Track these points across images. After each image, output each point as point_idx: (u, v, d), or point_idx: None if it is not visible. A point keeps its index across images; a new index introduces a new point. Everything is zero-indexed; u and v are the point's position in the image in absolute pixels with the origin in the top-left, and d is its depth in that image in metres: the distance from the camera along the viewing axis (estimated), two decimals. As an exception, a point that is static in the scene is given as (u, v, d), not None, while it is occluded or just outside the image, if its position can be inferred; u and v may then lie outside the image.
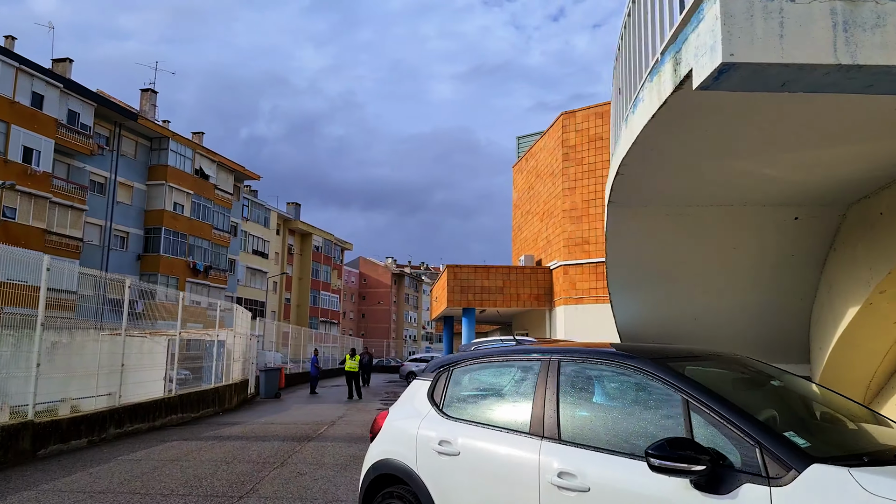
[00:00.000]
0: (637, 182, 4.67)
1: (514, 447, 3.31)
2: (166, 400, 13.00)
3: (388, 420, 4.36)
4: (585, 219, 18.47)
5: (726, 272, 6.07)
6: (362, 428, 12.79)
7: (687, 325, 6.88)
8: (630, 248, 6.00)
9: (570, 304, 18.47)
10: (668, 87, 3.14)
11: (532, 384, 3.49)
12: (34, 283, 9.35)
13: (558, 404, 3.26)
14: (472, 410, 3.83)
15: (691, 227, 5.49)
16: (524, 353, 3.79)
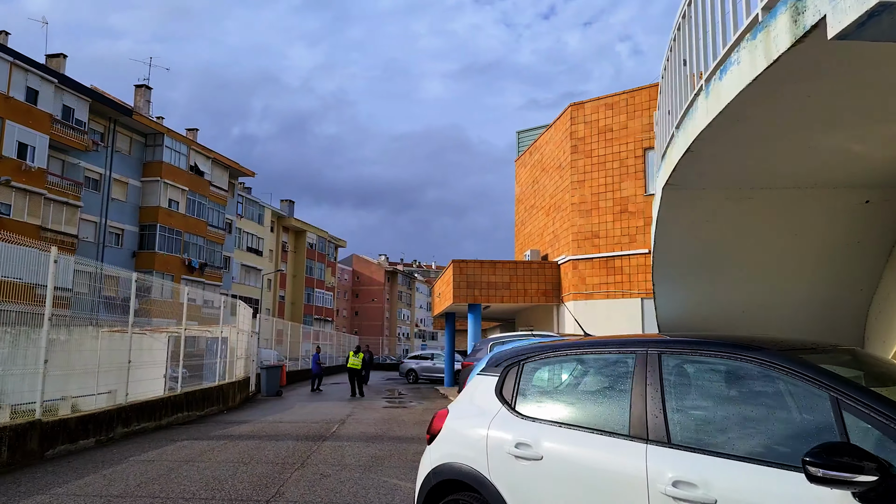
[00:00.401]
0: (707, 161, 4.35)
1: (612, 452, 2.94)
2: (172, 398, 12.61)
3: (450, 419, 3.98)
4: (595, 212, 18.19)
5: (783, 261, 5.77)
6: (374, 427, 12.46)
7: (733, 318, 6.59)
8: (682, 234, 5.69)
9: (580, 299, 18.19)
10: (782, 42, 2.83)
11: (627, 380, 3.10)
12: (32, 281, 8.98)
13: (664, 403, 2.87)
14: (552, 409, 3.42)
15: (752, 211, 5.18)
16: (612, 345, 3.41)
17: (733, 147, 4.04)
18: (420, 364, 31.15)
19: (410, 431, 11.66)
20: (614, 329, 16.53)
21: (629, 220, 17.48)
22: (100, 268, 11.46)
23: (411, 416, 14.84)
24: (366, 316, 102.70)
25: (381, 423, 12.99)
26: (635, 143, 17.50)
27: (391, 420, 13.75)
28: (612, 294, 17.61)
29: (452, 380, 27.07)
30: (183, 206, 45.18)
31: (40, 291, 9.31)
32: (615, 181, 17.87)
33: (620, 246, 17.60)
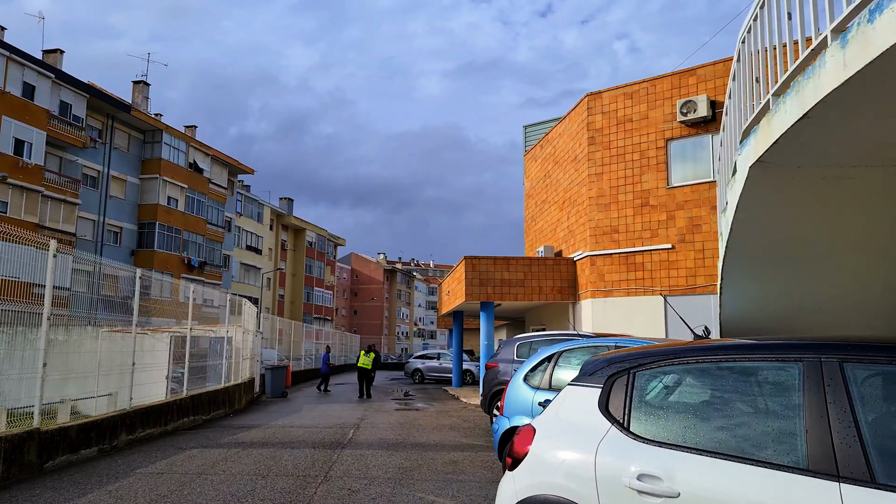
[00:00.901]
0: (823, 131, 3.70)
1: (785, 492, 2.28)
2: (178, 402, 11.94)
3: (539, 440, 3.26)
4: (614, 206, 17.54)
5: (876, 251, 5.14)
6: (392, 432, 11.80)
7: (808, 317, 5.96)
8: (765, 220, 5.04)
9: (599, 296, 17.55)
10: None
11: (792, 396, 2.45)
12: (28, 279, 8.33)
13: (858, 428, 2.23)
14: (684, 432, 2.72)
15: (850, 193, 4.54)
16: (761, 350, 2.71)
17: (867, 112, 3.41)
18: (426, 364, 30.50)
19: (432, 437, 11.00)
20: (634, 328, 15.89)
21: (650, 214, 16.84)
22: (99, 262, 10.77)
23: (427, 419, 14.19)
24: (365, 315, 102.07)
25: (398, 428, 12.34)
26: (657, 133, 16.85)
27: (408, 425, 13.09)
28: (633, 291, 16.97)
29: (461, 380, 26.43)
30: (182, 204, 44.48)
31: (38, 290, 8.73)
32: (635, 174, 17.22)
33: (641, 241, 16.95)
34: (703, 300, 15.94)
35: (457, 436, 11.21)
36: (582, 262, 18.60)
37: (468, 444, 10.25)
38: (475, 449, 9.70)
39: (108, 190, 39.70)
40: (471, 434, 11.45)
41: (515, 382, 6.89)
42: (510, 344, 11.04)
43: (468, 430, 12.00)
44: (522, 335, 11.14)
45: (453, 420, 13.95)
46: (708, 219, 15.91)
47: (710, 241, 15.83)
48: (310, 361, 34.88)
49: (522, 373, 6.90)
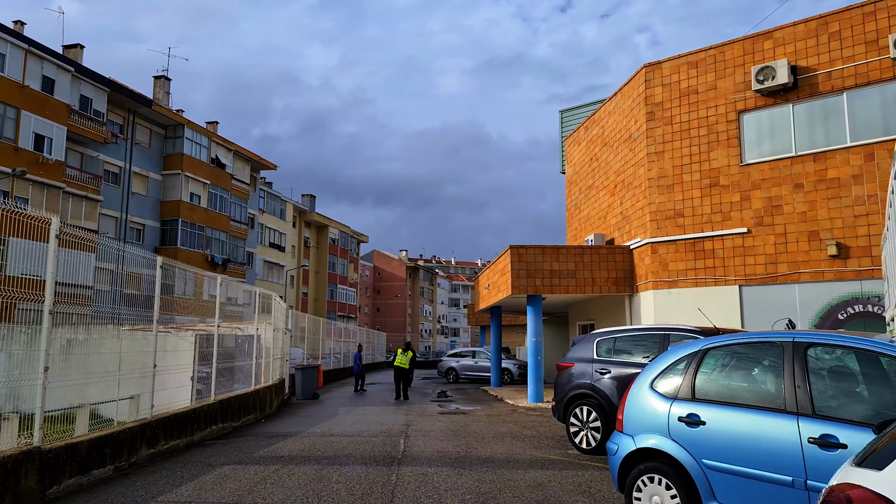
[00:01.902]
0: None
1: None
2: (205, 408, 10.56)
3: None
4: (678, 187, 15.87)
5: None
6: (448, 442, 10.30)
7: None
8: None
9: (661, 287, 15.90)
10: None
11: None
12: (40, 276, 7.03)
13: None
14: None
15: None
16: None
17: None
18: (460, 362, 28.99)
19: (497, 450, 9.48)
20: (706, 324, 14.25)
21: (721, 195, 15.14)
22: (122, 250, 9.37)
23: (480, 426, 12.69)
24: (387, 312, 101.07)
25: (452, 437, 10.84)
26: (727, 105, 15.14)
27: (461, 432, 11.59)
28: (702, 281, 15.28)
29: (500, 379, 24.89)
30: (205, 200, 43.50)
31: (59, 289, 7.68)
32: (702, 151, 15.53)
33: (711, 225, 15.26)
34: (784, 291, 14.23)
35: (525, 447, 9.68)
36: (640, 251, 16.94)
37: (544, 458, 8.71)
38: (556, 466, 8.16)
39: (130, 186, 38.79)
40: (540, 445, 9.91)
41: (640, 390, 5.34)
42: (588, 341, 9.48)
43: (535, 440, 10.46)
44: (602, 330, 9.56)
45: (510, 427, 12.42)
46: (790, 198, 14.18)
47: (793, 224, 14.10)
48: (338, 360, 33.56)
49: (649, 377, 5.34)
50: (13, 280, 6.81)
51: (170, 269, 9.77)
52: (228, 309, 17.04)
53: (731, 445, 4.56)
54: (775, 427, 4.33)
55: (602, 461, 8.43)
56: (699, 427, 4.78)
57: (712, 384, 4.95)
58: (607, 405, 8.69)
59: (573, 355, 9.59)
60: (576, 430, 9.11)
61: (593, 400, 8.91)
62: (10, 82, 29.46)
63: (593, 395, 8.89)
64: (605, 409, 8.73)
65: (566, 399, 9.29)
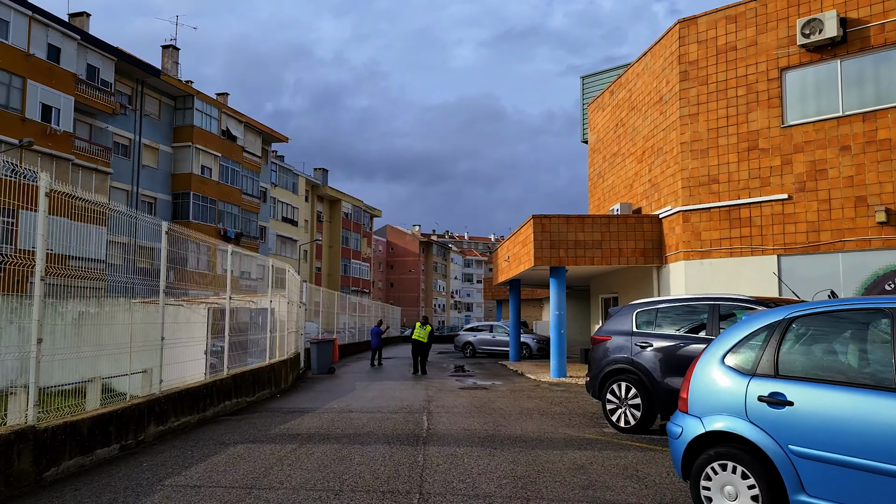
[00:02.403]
0: None
1: None
2: (218, 383, 10.01)
3: None
4: (713, 152, 14.99)
5: None
6: (473, 419, 9.70)
7: None
8: None
9: (693, 258, 15.11)
10: None
11: None
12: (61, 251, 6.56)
13: None
14: None
15: None
16: None
17: None
18: (477, 336, 28.42)
19: (527, 428, 8.87)
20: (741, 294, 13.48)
21: (760, 160, 14.25)
22: (135, 216, 8.72)
23: (504, 401, 12.09)
24: (401, 287, 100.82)
25: (477, 414, 10.24)
26: (768, 62, 14.17)
27: (485, 409, 10.99)
28: (738, 251, 14.47)
29: (518, 354, 24.31)
30: (216, 173, 42.95)
31: (74, 263, 7.47)
32: (740, 112, 14.60)
33: (748, 192, 14.40)
34: (826, 260, 13.42)
35: (556, 425, 9.06)
36: (671, 220, 16.12)
37: (580, 437, 8.08)
38: (594, 445, 7.52)
39: (141, 159, 38.27)
40: (573, 423, 9.28)
41: (709, 366, 4.64)
42: (626, 312, 8.76)
43: (566, 417, 9.83)
44: (641, 301, 8.83)
45: (536, 403, 11.80)
46: (835, 162, 13.29)
47: (838, 189, 13.23)
48: (352, 334, 33.14)
49: (720, 351, 4.64)
50: (27, 253, 6.36)
51: (176, 236, 9.15)
52: (243, 283, 16.51)
53: (827, 430, 3.87)
54: (885, 408, 3.62)
55: (643, 441, 7.79)
56: (785, 408, 4.09)
57: (800, 359, 4.24)
58: (649, 381, 8.01)
59: (610, 328, 8.88)
60: (613, 407, 8.46)
61: (633, 375, 8.23)
62: (14, 50, 28.79)
63: (633, 371, 8.21)
64: (645, 385, 8.05)
65: (602, 374, 8.62)
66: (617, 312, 8.95)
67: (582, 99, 28.09)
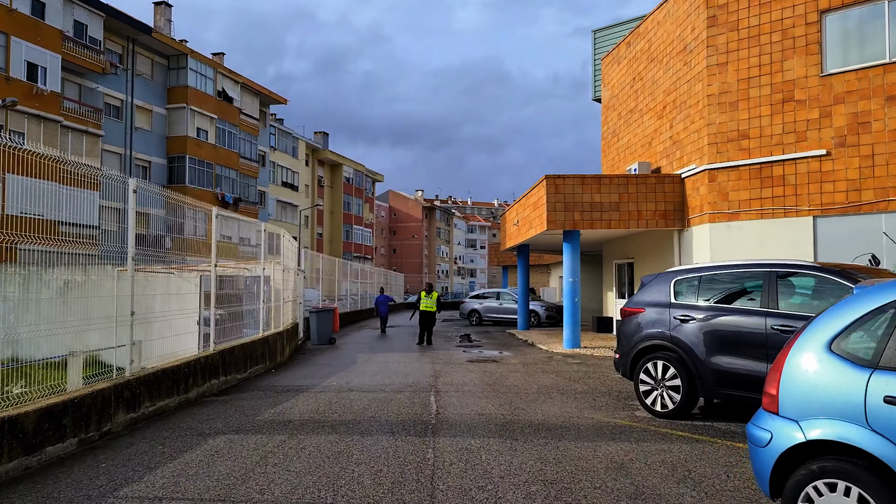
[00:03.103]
0: None
1: None
2: (202, 360, 9.02)
3: None
4: (743, 104, 13.74)
5: None
6: (486, 400, 8.71)
7: None
8: None
9: (719, 220, 13.98)
10: None
11: None
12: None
13: None
14: None
15: None
16: None
17: None
18: (484, 304, 27.45)
19: (548, 411, 7.88)
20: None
21: (796, 112, 13.00)
22: (100, 175, 7.63)
23: (517, 376, 11.12)
24: (404, 253, 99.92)
25: (490, 393, 9.26)
26: (806, 3, 12.81)
27: (499, 386, 10.01)
28: (769, 213, 13.33)
29: (527, 322, 23.36)
30: (213, 136, 41.55)
31: (65, 229, 7.27)
32: (774, 60, 13.30)
33: (782, 148, 13.18)
34: (868, 221, 12.27)
35: (581, 407, 8.07)
36: (695, 179, 14.93)
37: (611, 424, 7.08)
38: (629, 435, 6.52)
39: (134, 121, 36.89)
40: (598, 404, 8.28)
41: (809, 353, 3.58)
42: (662, 281, 7.66)
43: (589, 398, 8.84)
44: (681, 267, 7.71)
45: (553, 379, 10.82)
46: (880, 113, 12.04)
47: (882, 144, 12.01)
48: (354, 302, 32.22)
49: (824, 335, 3.56)
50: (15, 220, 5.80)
51: (147, 192, 8.04)
52: (244, 250, 15.50)
53: None
54: None
55: (686, 429, 6.78)
56: (924, 414, 3.03)
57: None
58: (690, 359, 6.97)
59: (643, 298, 7.80)
60: (647, 388, 7.43)
61: (671, 353, 7.19)
62: (-6, 4, 27.29)
63: (672, 348, 7.16)
64: (686, 364, 7.01)
65: (635, 352, 7.56)
66: (651, 281, 7.85)
67: (594, 55, 26.60)
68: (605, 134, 21.91)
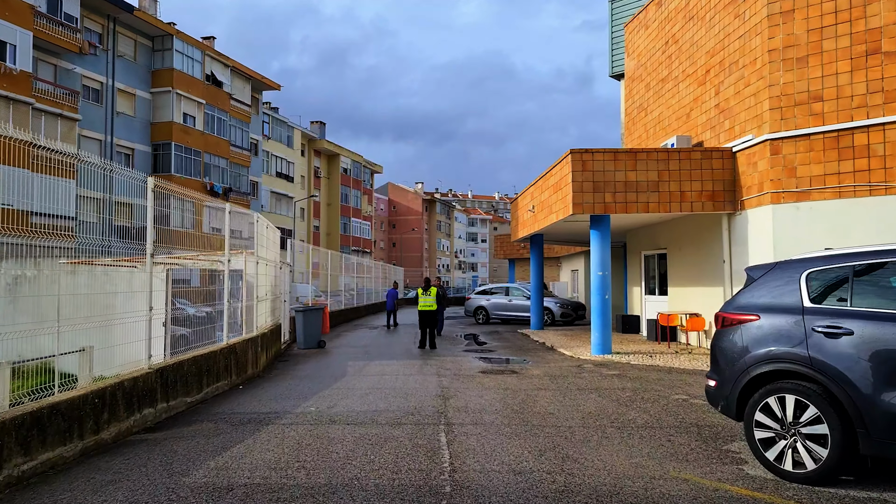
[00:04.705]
0: None
1: None
2: (126, 384, 6.58)
3: None
4: (815, 60, 11.30)
5: None
6: (519, 440, 6.28)
7: None
8: None
9: (785, 200, 11.56)
10: None
11: None
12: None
13: None
14: None
15: None
16: None
17: None
18: (491, 300, 25.01)
19: (613, 463, 5.45)
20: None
21: (883, 67, 10.55)
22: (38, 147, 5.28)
23: (548, 396, 8.70)
24: (404, 247, 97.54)
25: (519, 426, 6.84)
26: (904, -69, 10.38)
27: (529, 415, 7.59)
28: (849, 191, 10.89)
29: (541, 321, 20.93)
30: (200, 122, 39.06)
31: (37, 220, 6.40)
32: (854, 4, 10.85)
33: (866, 111, 10.74)
34: (982, 200, 9.82)
35: (656, 455, 5.65)
36: (751, 153, 12.47)
37: (717, 494, 4.65)
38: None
39: (115, 105, 34.40)
40: (679, 450, 5.86)
41: None
42: (786, 273, 5.16)
43: (657, 434, 6.42)
44: (819, 254, 5.17)
45: (596, 401, 8.39)
46: None
47: None
48: (351, 298, 29.81)
49: None
50: None
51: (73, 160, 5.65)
52: (203, 238, 13.11)
53: None
54: None
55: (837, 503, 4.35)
56: None
57: None
58: (845, 394, 4.47)
59: (754, 300, 5.32)
60: (768, 436, 4.96)
61: (811, 384, 4.72)
62: (-51, -30, 24.78)
63: (811, 375, 4.69)
64: (838, 400, 4.53)
65: (747, 380, 5.09)
66: (765, 274, 5.38)
67: (611, 26, 24.11)
68: (630, 109, 19.43)
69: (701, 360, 12.31)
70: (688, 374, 10.79)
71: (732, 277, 13.12)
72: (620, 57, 22.69)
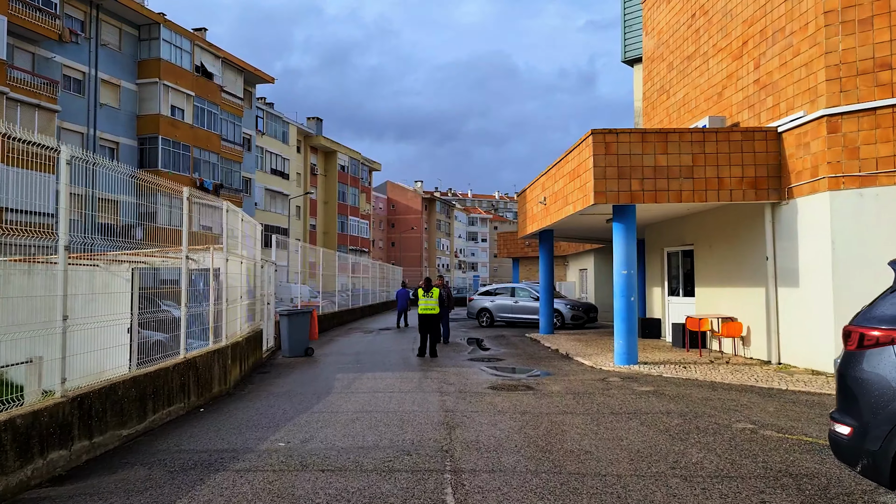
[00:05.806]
0: None
1: None
2: (20, 419, 4.85)
3: None
4: (881, 21, 9.61)
5: None
6: (554, 497, 4.56)
7: None
8: None
9: (846, 186, 9.88)
10: None
11: None
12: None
13: None
14: None
15: None
16: None
17: None
18: (496, 302, 23.27)
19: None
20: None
21: (977, 24, 8.88)
22: None
23: (578, 422, 6.98)
24: (403, 247, 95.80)
25: (548, 472, 5.14)
26: None
27: (557, 451, 5.88)
28: (931, 173, 9.19)
29: (551, 325, 19.21)
30: (189, 115, 37.31)
31: (10, 216, 5.33)
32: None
33: (950, 78, 9.07)
34: None
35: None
36: (801, 132, 10.75)
37: None
38: None
39: (98, 96, 32.64)
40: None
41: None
42: None
43: (749, 488, 4.72)
44: None
45: (640, 430, 6.67)
46: None
47: None
48: (345, 299, 28.09)
49: None
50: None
51: None
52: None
53: None
54: None
55: None
56: None
57: None
58: None
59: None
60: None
61: None
62: None
63: None
64: None
65: (884, 436, 3.39)
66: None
67: (623, 7, 22.42)
68: (648, 93, 17.71)
69: (744, 373, 10.59)
70: (737, 392, 9.08)
71: (777, 277, 11.41)
72: (634, 40, 21.00)
